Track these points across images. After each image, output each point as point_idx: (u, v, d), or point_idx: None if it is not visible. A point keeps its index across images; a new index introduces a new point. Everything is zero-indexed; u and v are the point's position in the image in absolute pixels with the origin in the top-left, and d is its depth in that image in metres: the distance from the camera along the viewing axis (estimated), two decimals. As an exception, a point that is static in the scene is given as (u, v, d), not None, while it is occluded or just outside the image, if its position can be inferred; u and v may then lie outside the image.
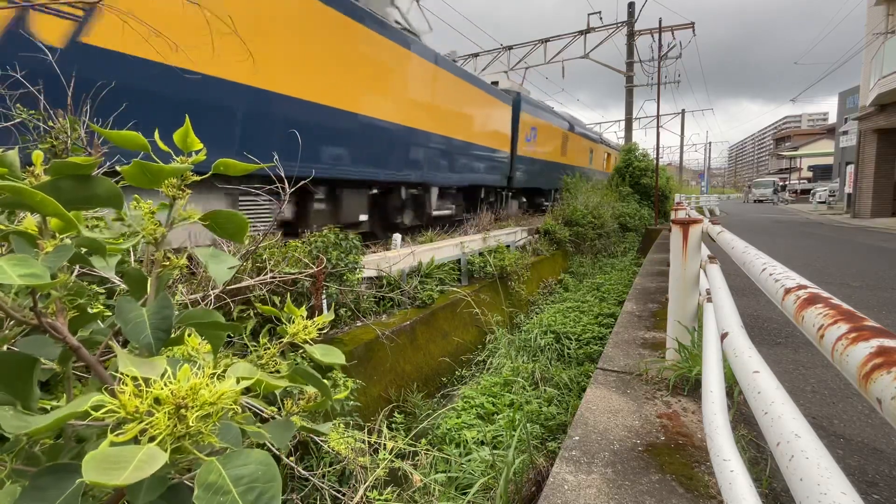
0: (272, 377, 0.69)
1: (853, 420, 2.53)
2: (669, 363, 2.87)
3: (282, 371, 0.80)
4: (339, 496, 2.33)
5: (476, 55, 23.18)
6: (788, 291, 0.98)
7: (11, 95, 2.62)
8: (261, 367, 0.80)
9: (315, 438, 2.66)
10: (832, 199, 28.15)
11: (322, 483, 2.26)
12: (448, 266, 6.61)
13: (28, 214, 0.75)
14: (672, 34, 20.35)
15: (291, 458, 2.47)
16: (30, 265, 0.52)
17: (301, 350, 0.83)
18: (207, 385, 0.48)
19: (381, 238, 7.56)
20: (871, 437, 2.34)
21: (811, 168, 51.96)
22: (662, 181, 18.37)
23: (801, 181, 52.19)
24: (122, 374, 0.49)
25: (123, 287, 1.22)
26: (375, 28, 6.54)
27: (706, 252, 2.98)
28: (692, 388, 2.62)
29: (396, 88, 7.26)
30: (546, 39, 21.59)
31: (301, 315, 0.84)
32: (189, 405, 0.46)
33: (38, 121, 2.64)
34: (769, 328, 4.23)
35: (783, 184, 50.88)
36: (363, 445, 2.67)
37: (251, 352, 0.89)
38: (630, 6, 20.86)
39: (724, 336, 1.57)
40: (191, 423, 0.46)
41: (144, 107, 3.75)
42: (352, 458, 2.53)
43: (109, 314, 0.93)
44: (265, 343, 0.86)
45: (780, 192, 44.32)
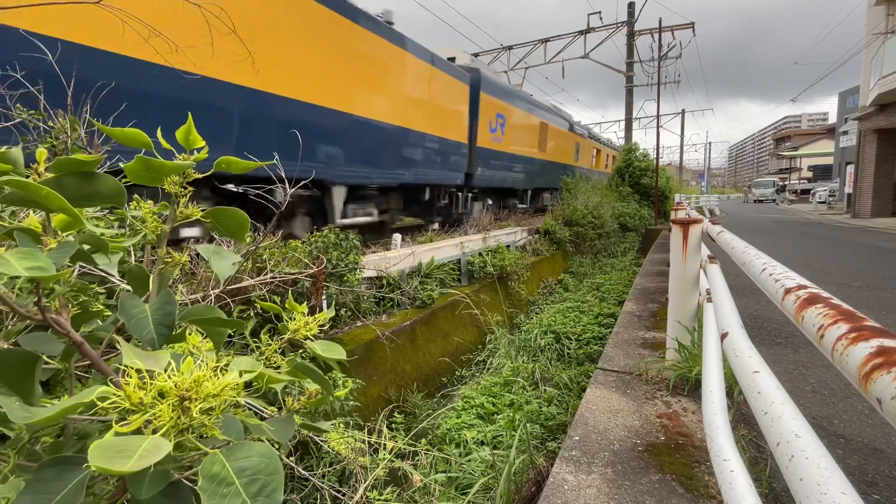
0: (274, 372, 0.69)
1: (853, 420, 2.53)
2: (669, 363, 2.87)
3: (282, 368, 0.80)
4: (339, 496, 2.33)
5: (476, 55, 23.21)
6: (788, 291, 0.98)
7: (11, 95, 2.62)
8: (262, 364, 0.81)
9: (315, 438, 2.66)
10: (832, 199, 28.15)
11: (322, 483, 2.26)
12: (448, 266, 6.61)
13: (31, 212, 0.75)
14: (672, 34, 20.37)
15: (291, 458, 2.47)
16: (36, 258, 0.52)
17: (302, 350, 0.83)
18: (211, 377, 0.48)
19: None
20: (871, 437, 2.34)
21: (811, 168, 51.96)
22: (662, 181, 18.37)
23: (801, 181, 52.22)
24: (127, 367, 0.50)
25: (124, 287, 1.22)
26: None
27: (706, 252, 2.98)
28: (692, 388, 2.62)
29: (265, 41, 4.71)
30: (546, 39, 21.61)
31: (302, 312, 0.84)
32: (193, 397, 0.46)
33: (39, 121, 2.65)
34: (769, 328, 4.23)
35: (784, 184, 50.93)
36: (363, 445, 2.67)
37: (252, 351, 0.89)
38: (630, 6, 20.87)
39: (724, 336, 1.57)
40: (194, 416, 0.46)
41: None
42: (352, 458, 2.53)
43: (110, 313, 0.94)
44: (266, 340, 0.87)
45: (783, 193, 44.34)
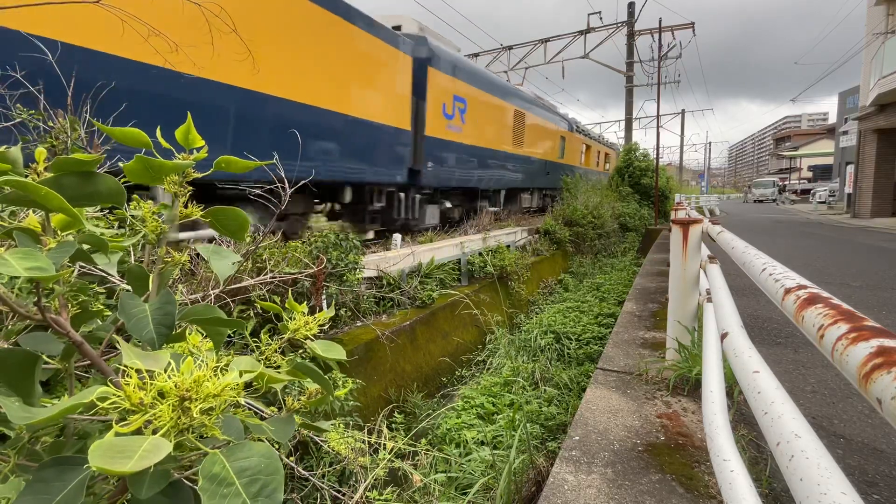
0: (274, 371, 0.69)
1: (853, 420, 2.53)
2: (669, 363, 2.87)
3: (282, 368, 0.80)
4: (339, 496, 2.33)
5: (476, 55, 23.21)
6: (788, 291, 0.98)
7: (11, 95, 2.62)
8: (262, 364, 0.81)
9: (315, 438, 2.66)
10: (832, 199, 28.15)
11: (322, 483, 2.26)
12: (448, 266, 6.61)
13: (30, 212, 0.75)
14: (672, 34, 20.37)
15: (291, 458, 2.47)
16: (35, 258, 0.52)
17: (302, 350, 0.83)
18: (211, 378, 0.48)
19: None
20: (871, 437, 2.34)
21: (811, 168, 51.99)
22: (662, 181, 18.37)
23: (801, 181, 52.26)
24: (127, 367, 0.50)
25: (124, 287, 1.22)
26: None
27: (706, 252, 2.98)
28: (692, 388, 2.62)
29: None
30: (546, 39, 21.61)
31: (302, 311, 0.84)
32: (193, 397, 0.46)
33: (38, 121, 2.65)
34: (769, 328, 4.23)
35: (784, 184, 50.99)
36: (363, 445, 2.67)
37: (252, 351, 0.89)
38: (630, 6, 20.87)
39: (724, 336, 1.57)
40: (194, 416, 0.46)
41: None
42: (352, 458, 2.53)
43: (110, 313, 0.94)
44: (266, 340, 0.87)
45: (785, 193, 44.41)
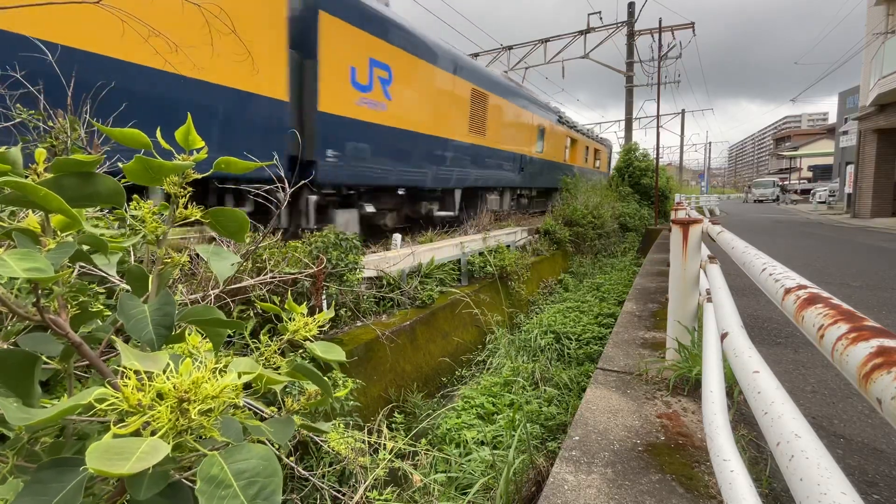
0: (273, 373, 0.69)
1: (853, 420, 2.53)
2: (669, 363, 2.87)
3: (282, 369, 0.80)
4: (339, 496, 2.33)
5: (476, 55, 23.20)
6: (788, 291, 0.98)
7: (11, 95, 2.62)
8: (262, 365, 0.80)
9: (315, 438, 2.66)
10: (832, 199, 28.15)
11: (322, 483, 2.26)
12: (448, 266, 6.61)
13: (30, 212, 0.75)
14: (672, 34, 20.36)
15: (291, 458, 2.47)
16: (34, 259, 0.52)
17: (301, 350, 0.83)
18: (209, 379, 0.48)
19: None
20: (871, 437, 2.34)
21: (811, 168, 51.99)
22: (662, 181, 18.37)
23: (801, 181, 52.27)
24: (125, 368, 0.50)
25: (123, 287, 1.22)
26: None
27: (706, 252, 2.98)
28: (692, 388, 2.62)
29: None
30: (546, 39, 21.60)
31: (301, 312, 0.84)
32: (191, 399, 0.46)
33: (38, 121, 2.65)
34: (769, 328, 4.23)
35: (785, 184, 51.03)
36: (363, 445, 2.67)
37: (251, 351, 0.89)
38: (630, 6, 20.87)
39: (724, 336, 1.57)
40: (193, 417, 0.46)
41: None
42: (352, 458, 2.53)
43: (109, 313, 0.94)
44: (266, 341, 0.86)
45: (787, 193, 44.46)
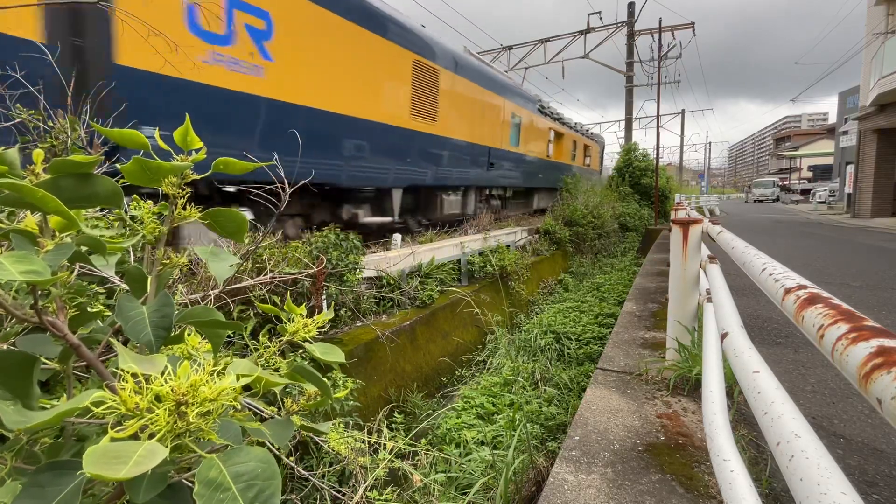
0: (272, 375, 0.69)
1: (853, 420, 2.53)
2: (669, 363, 2.87)
3: (282, 370, 0.80)
4: (339, 496, 2.33)
5: (476, 55, 23.17)
6: (788, 291, 0.98)
7: (11, 95, 2.62)
8: (261, 366, 0.80)
9: (315, 438, 2.66)
10: (832, 199, 28.15)
11: (322, 483, 2.26)
12: (448, 266, 6.61)
13: (28, 213, 0.75)
14: (672, 34, 20.36)
15: (291, 458, 2.47)
16: (31, 262, 0.52)
17: (301, 350, 0.83)
18: (208, 382, 0.48)
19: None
20: (871, 437, 2.34)
21: (811, 168, 51.99)
22: (662, 181, 18.37)
23: (801, 181, 52.28)
24: (123, 371, 0.49)
25: (123, 287, 1.22)
26: None
27: (706, 252, 2.98)
28: (692, 388, 2.62)
29: None
30: (546, 39, 21.60)
31: (301, 314, 0.84)
32: (189, 402, 0.46)
33: (38, 121, 2.65)
34: (769, 328, 4.23)
35: (786, 184, 51.08)
36: (363, 445, 2.67)
37: (251, 351, 0.89)
38: (630, 6, 20.86)
39: (724, 336, 1.57)
40: (191, 420, 0.46)
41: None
42: (352, 458, 2.53)
43: (109, 314, 0.93)
44: (265, 342, 0.86)
45: (789, 193, 44.54)
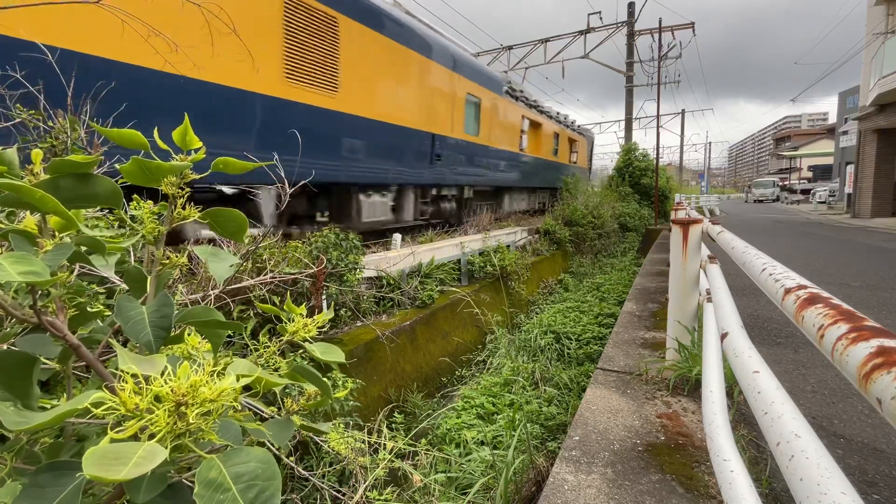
0: (272, 375, 0.69)
1: (853, 420, 2.52)
2: (669, 363, 2.87)
3: (281, 370, 0.80)
4: (339, 496, 2.33)
5: (476, 55, 23.21)
6: (788, 291, 0.98)
7: (11, 95, 2.62)
8: (261, 366, 0.80)
9: (315, 438, 2.66)
10: (832, 199, 28.15)
11: (322, 483, 2.26)
12: (448, 266, 6.61)
13: (28, 213, 0.75)
14: (672, 34, 20.35)
15: (291, 458, 2.47)
16: (30, 263, 0.52)
17: (301, 350, 0.83)
18: (207, 382, 0.48)
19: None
20: (871, 437, 2.34)
21: (811, 168, 52.01)
22: (662, 181, 18.37)
23: (801, 181, 52.30)
24: (123, 372, 0.49)
25: (123, 287, 1.22)
26: None
27: (706, 252, 2.97)
28: (692, 388, 2.62)
29: None
30: (546, 39, 21.60)
31: (301, 313, 0.83)
32: (189, 402, 0.46)
33: (38, 121, 2.65)
34: (769, 328, 4.23)
35: (786, 184, 51.11)
36: (363, 445, 2.67)
37: (251, 351, 0.89)
38: (630, 6, 20.85)
39: (724, 336, 1.57)
40: (191, 421, 0.45)
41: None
42: (352, 458, 2.53)
43: (109, 314, 0.93)
44: (265, 342, 0.86)
45: (791, 194, 44.57)
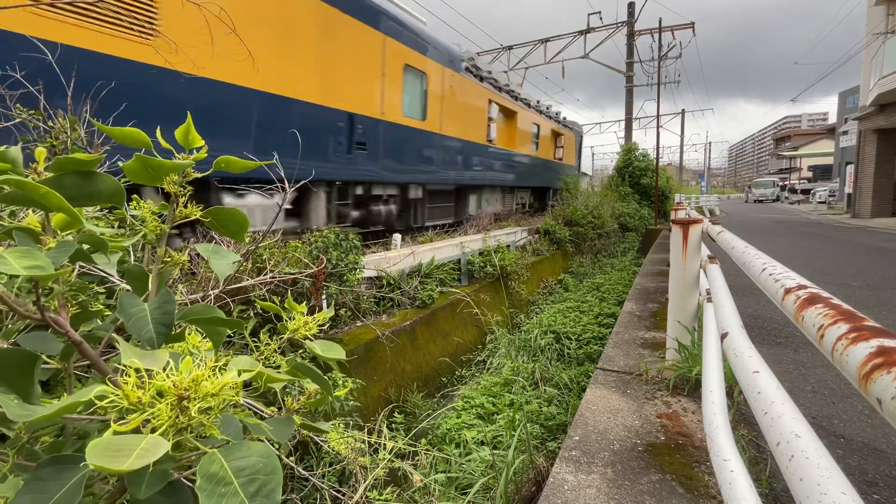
0: (273, 371, 0.69)
1: (853, 420, 2.53)
2: (669, 363, 2.87)
3: (282, 368, 0.80)
4: (339, 496, 2.33)
5: (476, 55, 23.19)
6: (788, 291, 0.98)
7: (11, 95, 2.62)
8: (261, 364, 0.80)
9: (315, 438, 2.66)
10: (832, 199, 28.15)
11: (322, 483, 2.26)
12: (448, 266, 6.61)
13: (30, 211, 0.75)
14: (672, 34, 20.36)
15: (291, 458, 2.47)
16: (34, 257, 0.52)
17: (301, 350, 0.83)
18: (209, 377, 0.48)
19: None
20: (871, 437, 2.34)
21: (811, 168, 52.02)
22: (662, 181, 18.38)
23: (801, 181, 52.31)
24: (125, 366, 0.50)
25: (124, 286, 1.22)
26: None
27: (706, 252, 2.98)
28: (692, 388, 2.62)
29: None
30: (546, 39, 21.61)
31: (301, 311, 0.84)
32: (191, 396, 0.46)
33: (38, 121, 2.65)
34: (769, 328, 4.23)
35: (790, 184, 51.13)
36: (363, 445, 2.67)
37: (252, 351, 0.89)
38: (630, 6, 20.86)
39: (724, 336, 1.57)
40: (193, 415, 0.46)
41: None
42: (352, 458, 2.53)
43: (109, 313, 0.94)
44: (265, 340, 0.86)
45: (793, 194, 44.59)
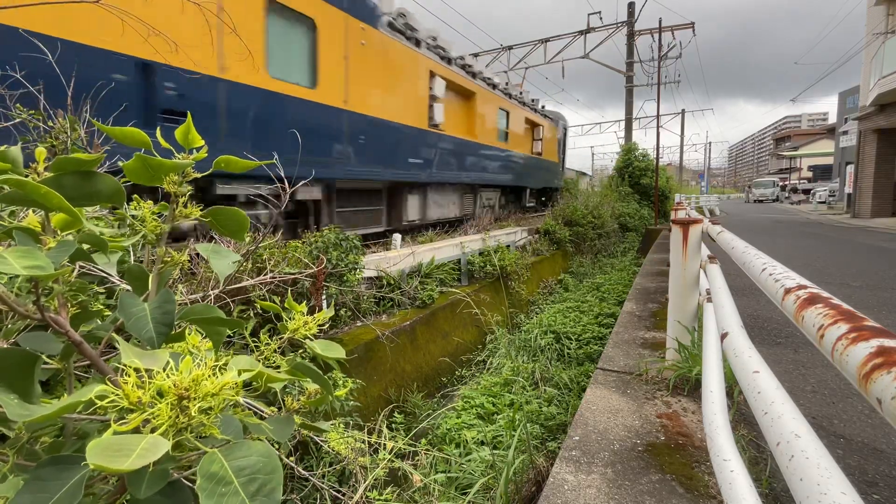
0: (273, 371, 0.69)
1: (853, 420, 2.53)
2: (669, 363, 2.87)
3: (282, 368, 0.80)
4: (339, 496, 2.33)
5: (476, 55, 23.21)
6: (788, 291, 0.98)
7: (11, 95, 2.62)
8: (261, 364, 0.80)
9: (315, 438, 2.66)
10: (832, 199, 28.16)
11: (322, 483, 2.26)
12: (448, 266, 6.61)
13: (30, 211, 0.75)
14: (672, 34, 20.36)
15: (291, 458, 2.47)
16: (34, 257, 0.52)
17: (301, 349, 0.83)
18: (209, 377, 0.48)
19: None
20: (871, 437, 2.34)
21: (811, 168, 52.03)
22: (662, 181, 18.38)
23: (801, 181, 52.31)
24: (125, 366, 0.49)
25: (124, 287, 1.22)
26: None
27: (706, 252, 2.98)
28: (692, 388, 2.62)
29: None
30: (546, 39, 21.61)
31: (301, 311, 0.84)
32: (191, 396, 0.46)
33: (38, 121, 2.65)
34: (769, 328, 4.23)
35: (790, 185, 51.13)
36: (363, 445, 2.67)
37: (251, 351, 0.89)
38: (630, 6, 20.86)
39: (724, 336, 1.57)
40: (193, 415, 0.46)
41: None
42: (352, 458, 2.53)
43: (109, 314, 0.94)
44: (265, 339, 0.86)
45: (794, 193, 44.60)
